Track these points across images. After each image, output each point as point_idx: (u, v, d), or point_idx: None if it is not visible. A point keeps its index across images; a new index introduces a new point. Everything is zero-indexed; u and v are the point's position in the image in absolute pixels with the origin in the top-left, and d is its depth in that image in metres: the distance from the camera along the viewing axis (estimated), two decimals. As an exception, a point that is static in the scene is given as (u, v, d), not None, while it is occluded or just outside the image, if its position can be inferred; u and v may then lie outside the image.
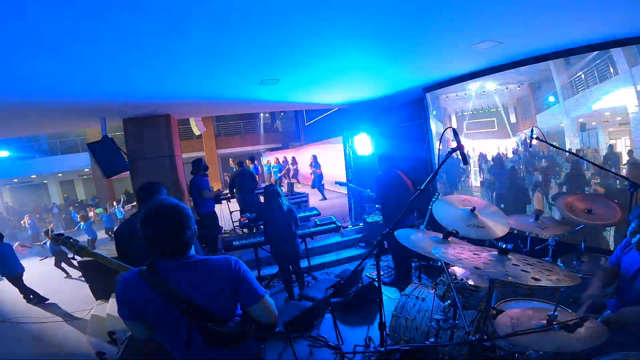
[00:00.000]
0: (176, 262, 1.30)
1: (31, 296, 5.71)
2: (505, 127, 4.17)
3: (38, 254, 9.01)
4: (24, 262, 6.09)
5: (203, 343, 1.32)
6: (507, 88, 4.00)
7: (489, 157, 4.43)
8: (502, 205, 4.20)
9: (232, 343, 1.35)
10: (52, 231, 8.24)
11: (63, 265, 7.16)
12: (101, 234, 10.77)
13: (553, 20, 2.61)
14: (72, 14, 1.79)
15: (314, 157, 11.04)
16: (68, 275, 7.12)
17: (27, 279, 6.03)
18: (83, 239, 8.66)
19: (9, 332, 4.43)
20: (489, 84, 4.18)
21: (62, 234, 1.89)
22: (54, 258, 7.17)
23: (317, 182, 10.92)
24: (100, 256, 1.81)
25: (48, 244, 7.58)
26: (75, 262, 7.09)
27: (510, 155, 4.18)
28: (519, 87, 3.88)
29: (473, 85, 4.37)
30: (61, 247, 6.97)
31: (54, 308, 5.33)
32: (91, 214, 12.19)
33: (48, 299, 5.67)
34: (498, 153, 4.29)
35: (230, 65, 3.10)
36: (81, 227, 9.39)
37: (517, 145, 4.07)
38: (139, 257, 1.47)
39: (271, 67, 3.34)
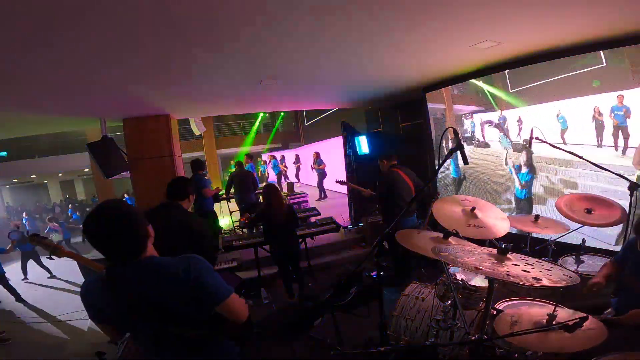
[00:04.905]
0: (131, 266, 1.25)
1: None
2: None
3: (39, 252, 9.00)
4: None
5: (171, 347, 1.29)
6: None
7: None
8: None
9: (201, 346, 1.32)
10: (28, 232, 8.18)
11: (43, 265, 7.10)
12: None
13: (552, 20, 2.61)
14: (71, 13, 1.79)
15: (317, 154, 10.67)
16: (25, 278, 7.00)
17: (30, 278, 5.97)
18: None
19: (9, 332, 4.43)
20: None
21: (37, 234, 1.91)
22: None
23: (319, 181, 10.55)
24: (76, 256, 1.83)
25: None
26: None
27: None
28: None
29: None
30: (33, 248, 6.94)
31: (53, 308, 5.32)
32: None
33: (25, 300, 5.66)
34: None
35: (231, 65, 3.10)
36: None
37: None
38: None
39: (271, 68, 3.34)
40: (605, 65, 3.16)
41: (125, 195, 13.00)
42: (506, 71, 3.99)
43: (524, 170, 4.17)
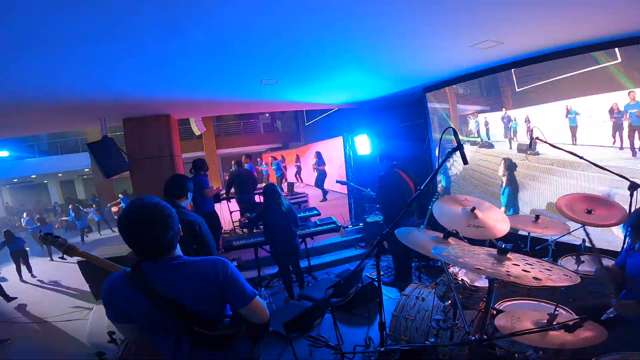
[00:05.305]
0: (160, 264, 1.27)
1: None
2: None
3: (38, 253, 9.02)
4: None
5: (191, 345, 1.31)
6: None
7: None
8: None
9: (221, 345, 1.33)
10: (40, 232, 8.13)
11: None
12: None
13: (553, 20, 2.61)
14: (70, 14, 1.79)
15: (318, 154, 10.60)
16: (21, 279, 6.98)
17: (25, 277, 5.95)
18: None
19: (9, 332, 4.43)
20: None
21: (51, 234, 1.85)
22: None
23: (320, 181, 10.42)
24: (90, 255, 1.78)
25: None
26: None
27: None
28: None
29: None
30: (22, 246, 6.99)
31: (53, 308, 5.32)
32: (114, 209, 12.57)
33: (16, 297, 5.67)
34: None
35: (231, 65, 3.10)
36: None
37: None
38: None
39: (271, 68, 3.34)
40: (620, 61, 3.03)
41: (120, 196, 12.95)
42: (512, 70, 3.90)
43: (504, 184, 4.10)
